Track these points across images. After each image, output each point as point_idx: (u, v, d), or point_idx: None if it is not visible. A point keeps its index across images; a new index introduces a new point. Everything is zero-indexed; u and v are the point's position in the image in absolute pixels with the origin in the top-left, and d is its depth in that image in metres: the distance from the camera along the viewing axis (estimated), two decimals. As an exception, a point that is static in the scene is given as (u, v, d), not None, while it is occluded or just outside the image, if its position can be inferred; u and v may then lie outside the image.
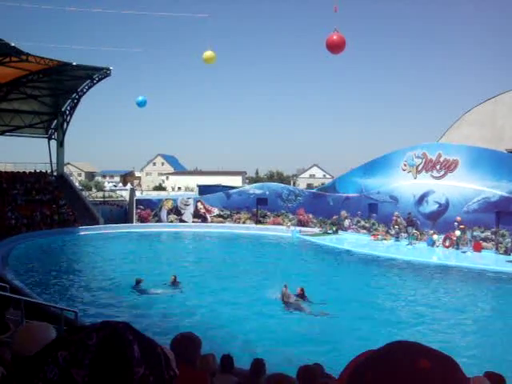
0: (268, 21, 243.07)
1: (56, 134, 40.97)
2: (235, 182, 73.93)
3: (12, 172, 39.10)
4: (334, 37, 11.99)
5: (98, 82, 36.91)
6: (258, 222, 35.76)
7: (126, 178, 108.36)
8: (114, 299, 15.82)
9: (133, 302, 15.51)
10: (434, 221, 27.34)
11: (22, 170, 39.68)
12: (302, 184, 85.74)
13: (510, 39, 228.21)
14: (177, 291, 16.90)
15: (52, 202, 35.36)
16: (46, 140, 41.42)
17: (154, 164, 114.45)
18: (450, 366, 0.85)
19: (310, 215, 34.33)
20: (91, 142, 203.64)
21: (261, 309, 14.57)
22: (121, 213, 39.37)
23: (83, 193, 42.55)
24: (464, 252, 24.89)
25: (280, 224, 35.08)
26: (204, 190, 40.28)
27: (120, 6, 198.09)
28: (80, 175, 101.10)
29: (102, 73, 35.72)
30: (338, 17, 12.16)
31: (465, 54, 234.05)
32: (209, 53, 16.64)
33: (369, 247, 26.56)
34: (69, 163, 72.11)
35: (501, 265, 21.61)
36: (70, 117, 40.44)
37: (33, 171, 39.53)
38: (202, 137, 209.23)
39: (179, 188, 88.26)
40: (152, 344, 0.93)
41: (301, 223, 34.43)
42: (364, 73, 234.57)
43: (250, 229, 34.54)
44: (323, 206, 33.50)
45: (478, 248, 24.89)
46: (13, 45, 26.68)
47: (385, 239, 28.95)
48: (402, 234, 28.63)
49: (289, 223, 34.58)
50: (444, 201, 26.96)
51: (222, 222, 36.27)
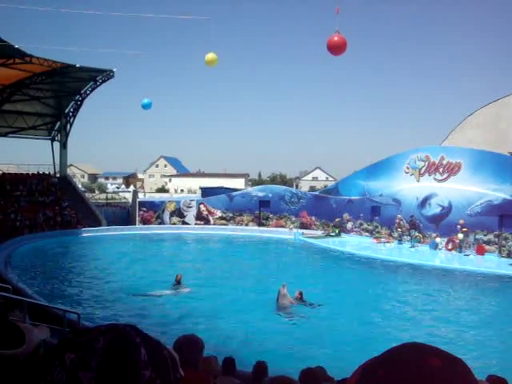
0: (270, 22, 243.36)
1: (59, 135, 41.03)
2: (238, 184, 73.93)
3: (15, 173, 39.18)
4: (335, 38, 11.99)
5: (101, 83, 36.97)
6: (260, 225, 35.74)
7: (129, 179, 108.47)
8: (116, 301, 15.82)
9: (135, 303, 15.50)
10: (437, 224, 27.30)
11: (25, 172, 39.73)
12: (304, 186, 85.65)
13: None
14: (182, 291, 16.90)
15: (55, 204, 35.40)
16: (49, 142, 41.49)
17: (157, 166, 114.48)
18: (460, 367, 0.86)
19: (313, 218, 34.30)
20: (94, 144, 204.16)
21: (261, 311, 14.57)
22: (123, 215, 39.40)
23: (86, 195, 42.65)
24: (467, 255, 24.84)
25: (283, 226, 35.06)
26: (207, 192, 40.30)
27: (123, 8, 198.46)
28: (83, 177, 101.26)
29: (106, 75, 35.77)
30: (340, 18, 12.13)
31: (469, 57, 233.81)
32: (211, 55, 16.63)
33: (371, 250, 26.50)
34: (72, 165, 72.18)
35: (504, 268, 21.57)
36: (73, 118, 40.51)
37: (36, 173, 39.56)
38: (205, 139, 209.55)
39: (182, 190, 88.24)
40: (159, 346, 0.93)
41: (303, 226, 34.39)
42: (368, 75, 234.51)
43: (253, 231, 34.51)
44: (326, 209, 33.47)
45: (480, 251, 24.84)
46: (16, 46, 26.75)
47: (387, 242, 28.91)
48: (405, 237, 28.58)
49: (291, 226, 34.55)
50: (447, 204, 26.93)
51: (225, 225, 36.26)
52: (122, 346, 0.88)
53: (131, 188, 69.36)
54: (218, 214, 36.63)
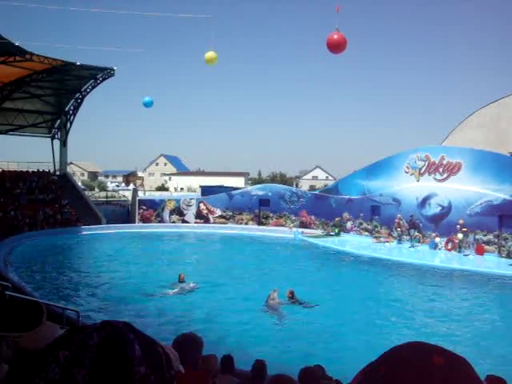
0: (270, 21, 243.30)
1: (59, 133, 41.07)
2: (238, 183, 73.90)
3: (15, 171, 39.18)
4: (335, 36, 11.99)
5: (101, 82, 36.99)
6: (260, 224, 35.75)
7: (129, 178, 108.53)
8: (116, 299, 15.82)
9: (135, 302, 15.49)
10: (437, 223, 27.30)
11: (25, 170, 39.74)
12: (304, 185, 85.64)
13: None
14: (186, 289, 16.91)
15: (55, 202, 35.43)
16: (49, 139, 41.54)
17: (157, 164, 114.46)
18: (463, 365, 0.85)
19: (313, 217, 34.29)
20: (94, 142, 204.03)
21: (259, 310, 14.58)
22: (123, 213, 39.41)
23: (86, 192, 42.67)
24: (466, 255, 24.84)
25: (282, 225, 35.06)
26: (206, 190, 40.30)
27: (123, 6, 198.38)
28: (83, 175, 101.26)
29: (106, 73, 35.78)
30: (341, 17, 12.11)
31: (469, 57, 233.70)
32: (210, 53, 16.63)
33: (371, 249, 26.50)
34: (72, 163, 72.13)
35: (503, 268, 21.58)
36: (74, 116, 40.53)
37: (36, 171, 39.59)
38: (205, 137, 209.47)
39: (182, 188, 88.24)
40: (153, 343, 0.93)
41: (303, 225, 34.39)
42: (368, 74, 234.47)
43: (252, 230, 34.53)
44: (326, 208, 33.46)
45: (480, 251, 24.84)
46: (17, 44, 26.73)
47: (387, 242, 28.91)
48: (405, 237, 28.57)
49: (291, 225, 34.56)
50: (447, 204, 26.92)
51: (225, 223, 36.27)
52: (116, 343, 0.88)
53: (131, 186, 69.43)
54: (218, 212, 36.64)
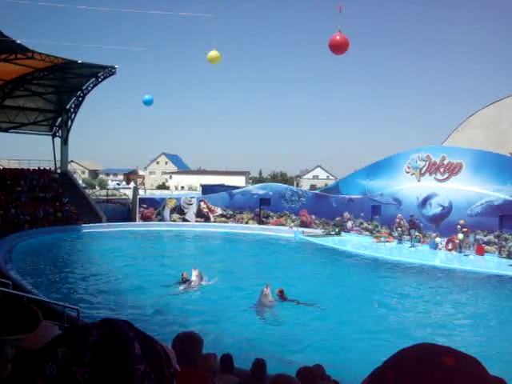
0: (273, 20, 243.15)
1: (60, 131, 41.05)
2: (238, 182, 73.85)
3: (16, 169, 39.17)
4: (337, 37, 11.98)
5: (102, 80, 36.94)
6: (260, 223, 35.73)
7: (130, 176, 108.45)
8: (116, 297, 15.83)
9: (135, 300, 15.50)
10: (437, 224, 27.28)
11: (25, 167, 39.72)
12: (305, 185, 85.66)
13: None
14: (190, 288, 16.92)
15: (55, 200, 35.42)
16: (50, 137, 41.51)
17: (158, 163, 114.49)
18: (475, 365, 0.82)
19: (313, 216, 34.26)
20: (95, 140, 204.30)
21: (256, 308, 14.61)
22: (124, 211, 39.40)
23: (87, 191, 42.64)
24: (466, 255, 24.82)
25: (283, 225, 35.03)
26: (207, 189, 40.29)
27: (125, 4, 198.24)
28: (84, 173, 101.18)
29: (107, 71, 35.74)
30: (343, 17, 12.10)
31: (470, 57, 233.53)
32: (213, 53, 16.62)
33: (371, 249, 26.48)
34: (73, 161, 72.21)
35: (503, 268, 21.55)
36: (75, 114, 40.51)
37: (37, 168, 39.57)
38: (206, 136, 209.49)
39: (182, 187, 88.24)
40: (152, 341, 0.92)
41: (304, 224, 34.37)
42: (369, 74, 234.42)
43: (253, 229, 34.51)
44: (326, 208, 33.42)
45: (480, 251, 24.82)
46: (18, 42, 26.73)
47: (387, 241, 28.90)
48: (405, 237, 28.55)
49: (291, 224, 34.53)
50: (447, 204, 26.90)
51: (225, 222, 36.24)
52: (115, 340, 0.87)
53: (132, 184, 69.37)
54: (219, 211, 36.61)
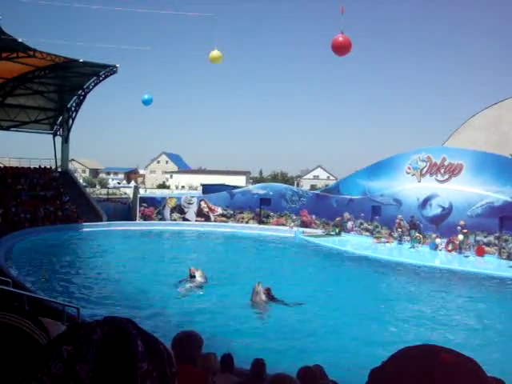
0: (275, 21, 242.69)
1: (61, 130, 41.06)
2: (239, 181, 73.87)
3: (17, 167, 39.21)
4: (340, 38, 11.99)
5: (104, 79, 36.95)
6: (260, 222, 35.75)
7: (130, 175, 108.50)
8: (116, 296, 15.82)
9: (135, 299, 15.50)
10: (437, 224, 27.28)
11: (26, 166, 39.75)
12: (305, 185, 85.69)
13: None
14: (192, 288, 16.93)
15: (56, 198, 35.44)
16: (51, 136, 41.54)
17: (159, 162, 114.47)
18: (473, 364, 0.83)
19: (313, 216, 34.27)
20: (96, 139, 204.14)
21: (251, 308, 14.66)
22: (124, 210, 39.40)
23: (87, 189, 42.66)
24: (466, 256, 24.83)
25: (283, 224, 35.04)
26: (208, 189, 40.31)
27: (127, 3, 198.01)
28: (84, 172, 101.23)
29: (109, 70, 35.75)
30: (345, 18, 12.12)
31: (471, 58, 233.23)
32: (215, 52, 16.62)
33: (371, 250, 26.49)
34: (73, 159, 72.28)
35: (503, 270, 21.55)
36: (76, 113, 40.53)
37: (37, 167, 39.59)
38: (207, 136, 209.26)
39: (183, 186, 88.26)
40: (155, 340, 0.93)
41: (304, 224, 34.38)
42: (370, 75, 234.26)
43: (253, 229, 34.51)
44: (326, 208, 33.43)
45: (480, 253, 24.82)
46: (20, 40, 26.75)
47: (388, 242, 28.90)
48: (405, 237, 28.56)
49: (292, 224, 34.54)
50: (448, 205, 26.90)
51: (225, 222, 36.26)
52: (119, 338, 0.88)
53: (132, 183, 69.42)
54: (219, 211, 36.62)
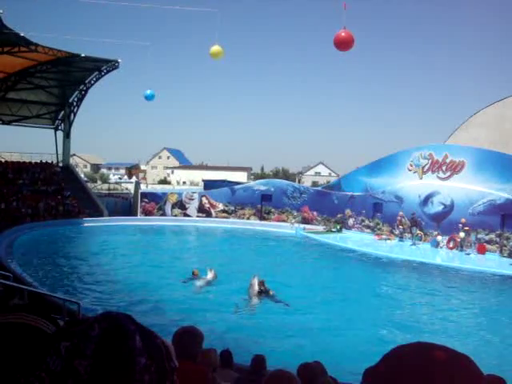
0: (277, 17, 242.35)
1: (63, 125, 41.08)
2: (240, 177, 73.87)
3: (18, 162, 39.24)
4: (342, 34, 11.98)
5: (105, 74, 36.95)
6: (262, 219, 35.76)
7: (132, 170, 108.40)
8: (117, 292, 15.86)
9: (135, 294, 15.53)
10: (439, 222, 27.25)
11: (28, 161, 39.80)
12: (307, 181, 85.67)
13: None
14: (201, 286, 16.96)
15: (57, 193, 35.47)
16: (52, 131, 41.56)
17: (160, 157, 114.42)
18: (466, 361, 0.83)
19: (315, 213, 34.28)
20: (97, 134, 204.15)
21: (248, 301, 14.70)
22: (125, 205, 39.46)
23: (88, 184, 42.70)
24: (468, 254, 24.81)
25: (284, 221, 35.05)
26: (209, 184, 40.34)
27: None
28: (85, 167, 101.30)
29: (110, 65, 35.74)
30: (347, 15, 12.08)
31: (473, 56, 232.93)
32: (216, 48, 16.57)
33: (372, 247, 26.50)
34: (75, 154, 72.28)
35: (505, 267, 21.53)
36: (77, 108, 40.54)
37: (39, 162, 39.63)
38: (209, 132, 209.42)
39: (184, 182, 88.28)
40: (153, 335, 0.93)
41: (305, 221, 34.39)
42: (372, 72, 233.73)
43: (254, 225, 34.52)
44: (328, 204, 33.43)
45: (482, 250, 24.80)
46: (22, 35, 26.72)
47: (389, 239, 28.89)
48: (406, 235, 28.55)
49: (293, 220, 34.55)
50: (449, 202, 26.86)
51: (227, 218, 36.29)
52: (117, 334, 0.88)
53: (133, 179, 69.36)
54: (220, 206, 36.64)
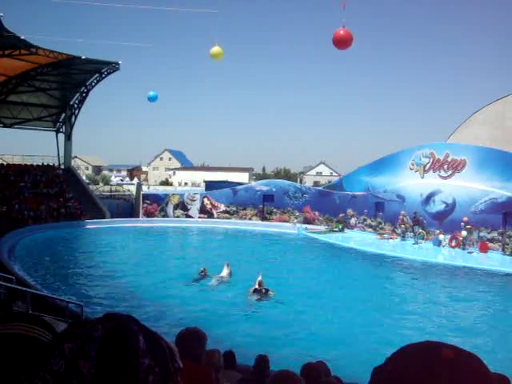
0: (277, 17, 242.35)
1: (64, 127, 41.09)
2: (242, 178, 73.87)
3: (20, 164, 39.25)
4: (341, 32, 11.98)
5: (106, 76, 36.98)
6: (264, 219, 35.76)
7: (133, 172, 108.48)
8: (119, 293, 15.85)
9: (138, 295, 15.54)
10: (441, 220, 27.23)
11: (29, 163, 39.80)
12: (308, 181, 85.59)
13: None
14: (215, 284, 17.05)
15: (59, 196, 35.48)
16: (53, 133, 41.56)
17: (161, 159, 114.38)
18: (474, 359, 0.83)
19: (317, 213, 34.27)
20: (99, 136, 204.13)
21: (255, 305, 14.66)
22: (127, 207, 39.46)
23: (90, 186, 42.69)
24: (470, 252, 24.79)
25: (286, 221, 35.05)
26: (211, 185, 40.34)
27: (130, 0, 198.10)
28: (87, 169, 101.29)
29: (111, 67, 35.77)
30: (347, 13, 12.09)
31: (475, 54, 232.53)
32: (216, 49, 16.57)
33: (374, 246, 26.49)
34: (76, 157, 72.30)
35: (507, 266, 21.50)
36: (78, 110, 40.55)
37: (40, 164, 39.65)
38: (210, 133, 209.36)
39: (186, 183, 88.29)
40: (156, 336, 0.93)
41: (307, 221, 34.39)
42: (373, 71, 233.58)
43: (256, 225, 34.52)
44: (330, 204, 33.43)
45: (484, 249, 24.77)
46: (22, 37, 26.75)
47: (391, 238, 28.87)
48: (408, 234, 28.54)
49: (295, 220, 34.55)
50: (451, 201, 26.84)
51: (228, 218, 36.29)
52: (120, 335, 0.88)
53: (135, 180, 69.40)
54: (222, 207, 36.65)
